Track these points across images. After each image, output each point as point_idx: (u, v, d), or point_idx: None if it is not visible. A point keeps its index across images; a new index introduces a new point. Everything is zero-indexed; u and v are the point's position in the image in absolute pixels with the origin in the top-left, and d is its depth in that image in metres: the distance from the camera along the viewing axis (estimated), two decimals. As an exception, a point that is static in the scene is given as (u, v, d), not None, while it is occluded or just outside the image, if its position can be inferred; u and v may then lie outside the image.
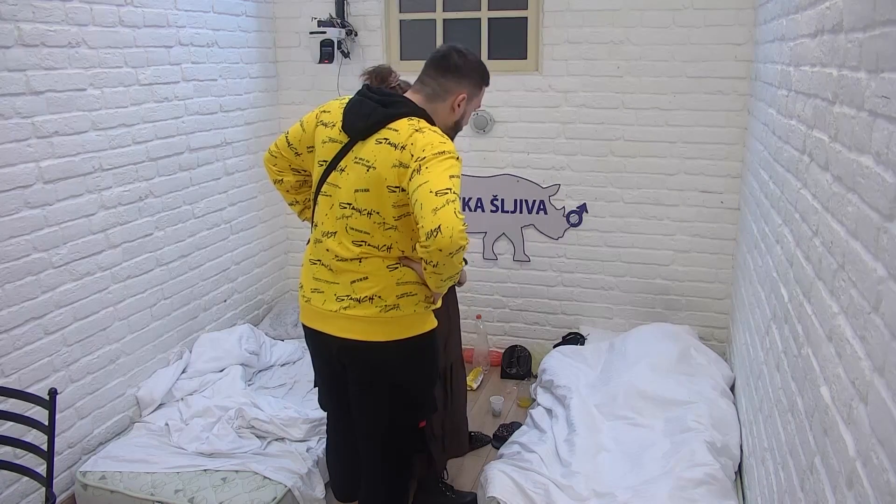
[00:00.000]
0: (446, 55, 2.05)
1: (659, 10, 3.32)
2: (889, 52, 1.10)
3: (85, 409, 2.75)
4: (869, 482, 1.04)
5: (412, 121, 1.93)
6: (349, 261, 1.99)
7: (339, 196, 1.99)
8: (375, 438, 2.18)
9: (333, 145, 2.02)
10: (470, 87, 2.08)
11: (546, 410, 2.96)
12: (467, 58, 2.07)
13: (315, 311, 2.08)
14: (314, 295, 2.07)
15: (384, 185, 1.90)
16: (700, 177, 3.46)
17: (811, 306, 1.55)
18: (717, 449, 2.44)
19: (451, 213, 1.72)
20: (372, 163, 1.92)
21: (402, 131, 1.90)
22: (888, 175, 1.06)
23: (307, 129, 2.13)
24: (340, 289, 2.01)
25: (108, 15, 2.73)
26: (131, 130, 2.90)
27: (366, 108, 1.96)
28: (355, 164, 1.96)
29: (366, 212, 1.94)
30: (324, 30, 3.65)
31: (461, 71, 2.05)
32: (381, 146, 1.91)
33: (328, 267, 2.04)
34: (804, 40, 1.87)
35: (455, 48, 2.07)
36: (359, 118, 1.97)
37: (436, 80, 2.05)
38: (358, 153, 1.96)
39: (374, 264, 1.97)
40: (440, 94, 2.05)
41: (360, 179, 1.94)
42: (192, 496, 2.45)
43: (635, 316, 3.69)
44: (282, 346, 3.61)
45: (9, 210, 2.38)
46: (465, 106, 2.09)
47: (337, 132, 2.01)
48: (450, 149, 1.87)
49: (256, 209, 3.85)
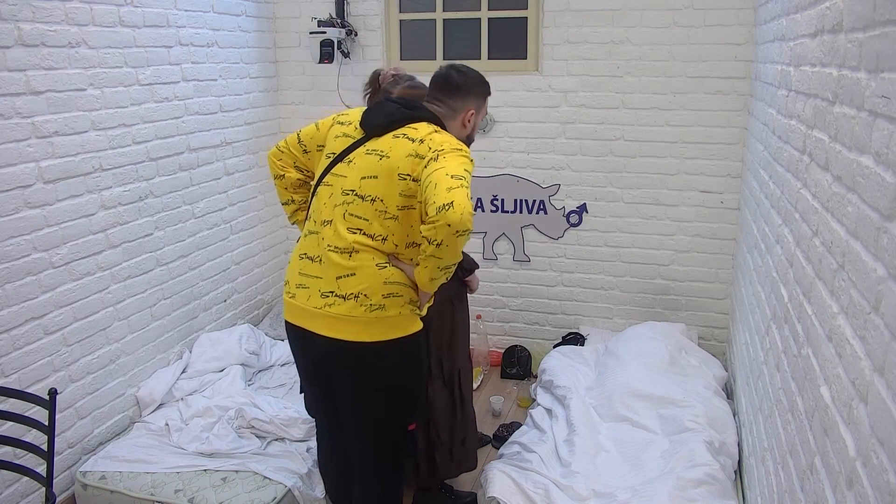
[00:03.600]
0: (447, 77, 2.14)
1: (659, 10, 3.32)
2: (889, 52, 1.10)
3: (85, 409, 2.75)
4: (869, 482, 1.04)
5: (432, 125, 2.04)
6: (341, 252, 1.98)
7: (342, 184, 2.03)
8: (366, 440, 2.17)
9: (346, 139, 2.08)
10: (476, 102, 2.18)
11: (546, 410, 2.97)
12: (467, 75, 2.16)
13: (299, 308, 2.07)
14: (299, 291, 2.07)
15: (395, 172, 1.96)
16: (700, 177, 3.46)
17: (811, 306, 1.55)
18: (716, 448, 2.45)
19: (464, 194, 1.80)
20: (386, 153, 1.99)
21: (420, 129, 2.01)
22: (888, 175, 1.06)
23: (321, 128, 2.18)
24: (325, 284, 2.00)
25: (108, 15, 2.73)
26: (131, 130, 2.90)
27: (388, 109, 2.06)
28: (367, 155, 2.02)
29: (369, 198, 1.98)
30: (324, 30, 3.65)
31: (464, 89, 2.15)
32: (398, 139, 2.00)
33: (316, 259, 2.04)
34: (804, 40, 1.87)
35: (453, 68, 2.17)
36: (380, 116, 2.05)
37: (444, 103, 2.15)
38: (371, 146, 2.03)
39: (363, 259, 1.97)
40: (450, 114, 2.14)
41: (369, 167, 2.00)
42: (192, 496, 2.46)
43: (635, 316, 3.69)
44: (282, 346, 3.60)
45: (9, 210, 2.39)
46: (474, 120, 2.20)
47: (352, 129, 2.09)
48: (466, 151, 1.99)
49: (256, 209, 3.85)
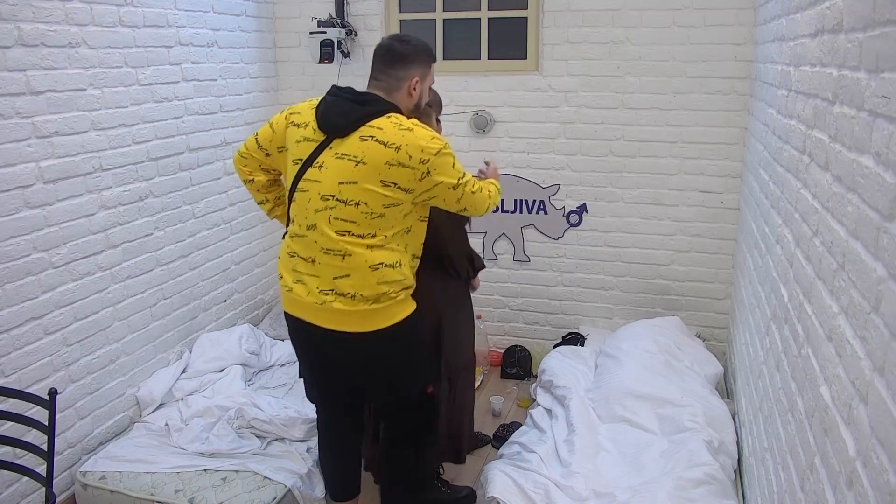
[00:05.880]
0: (389, 48, 2.14)
1: (659, 10, 3.32)
2: (889, 52, 1.10)
3: (85, 409, 2.75)
4: (869, 482, 1.04)
5: (391, 118, 2.03)
6: (334, 254, 2.04)
7: (318, 189, 2.05)
8: (385, 413, 2.33)
9: (308, 144, 2.10)
10: (420, 70, 2.15)
11: (546, 410, 2.96)
12: (409, 43, 2.16)
13: (298, 300, 2.13)
14: (296, 285, 2.13)
15: (377, 179, 1.99)
16: (700, 177, 3.46)
17: (811, 306, 1.55)
18: (715, 448, 2.45)
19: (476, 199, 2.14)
20: (361, 158, 2.00)
21: (386, 129, 2.00)
22: (888, 175, 1.06)
23: (277, 129, 2.21)
24: (322, 282, 2.07)
25: (108, 15, 2.73)
26: (131, 130, 2.90)
27: (343, 108, 2.06)
28: (337, 159, 2.03)
29: (352, 202, 2.01)
30: (324, 30, 3.65)
31: (407, 58, 2.13)
32: (367, 143, 2.00)
33: (309, 260, 2.09)
34: (804, 40, 1.87)
35: (396, 37, 2.18)
36: (337, 116, 2.05)
37: (386, 73, 2.13)
38: (338, 149, 2.04)
39: (356, 262, 2.03)
40: (395, 84, 2.12)
41: (345, 173, 2.01)
42: (192, 496, 2.46)
43: (635, 316, 3.68)
44: (282, 346, 3.60)
45: (9, 210, 2.39)
46: (420, 87, 2.16)
47: (311, 132, 2.10)
48: (441, 144, 2.03)
49: (256, 209, 3.84)
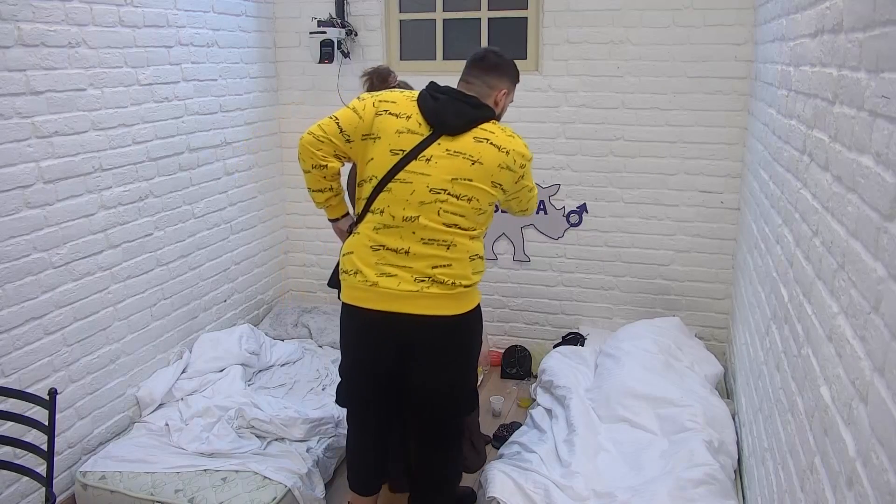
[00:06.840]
0: (485, 56, 2.25)
1: (659, 10, 3.32)
2: (889, 52, 1.10)
3: (85, 409, 2.75)
4: (869, 482, 1.04)
5: (495, 124, 2.20)
6: (438, 244, 2.13)
7: (426, 182, 2.12)
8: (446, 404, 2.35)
9: (412, 136, 2.14)
10: (508, 83, 2.27)
11: (546, 411, 2.96)
12: (503, 57, 2.27)
13: (386, 293, 2.15)
14: (383, 279, 2.15)
15: (489, 179, 2.15)
16: (700, 177, 3.46)
17: (811, 306, 1.55)
18: (715, 448, 2.45)
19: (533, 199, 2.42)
20: (477, 158, 2.13)
21: (498, 134, 2.17)
22: (888, 175, 1.06)
23: (365, 117, 2.17)
24: (417, 273, 2.15)
25: (108, 15, 2.73)
26: (131, 130, 2.90)
27: (458, 108, 2.16)
28: (451, 155, 2.12)
29: (465, 198, 2.14)
30: (324, 30, 3.65)
31: (500, 69, 2.25)
32: (483, 145, 2.14)
33: (402, 251, 2.14)
34: (804, 40, 1.87)
35: (491, 49, 2.29)
36: (453, 116, 2.14)
37: (480, 79, 2.23)
38: (450, 146, 2.13)
39: (460, 253, 2.16)
40: (486, 92, 2.23)
41: (461, 170, 2.12)
42: (192, 496, 2.46)
43: (635, 316, 3.68)
44: (282, 346, 3.61)
45: (9, 210, 2.39)
46: (504, 100, 2.27)
47: (415, 124, 2.15)
48: (531, 153, 2.25)
49: (256, 209, 3.85)
